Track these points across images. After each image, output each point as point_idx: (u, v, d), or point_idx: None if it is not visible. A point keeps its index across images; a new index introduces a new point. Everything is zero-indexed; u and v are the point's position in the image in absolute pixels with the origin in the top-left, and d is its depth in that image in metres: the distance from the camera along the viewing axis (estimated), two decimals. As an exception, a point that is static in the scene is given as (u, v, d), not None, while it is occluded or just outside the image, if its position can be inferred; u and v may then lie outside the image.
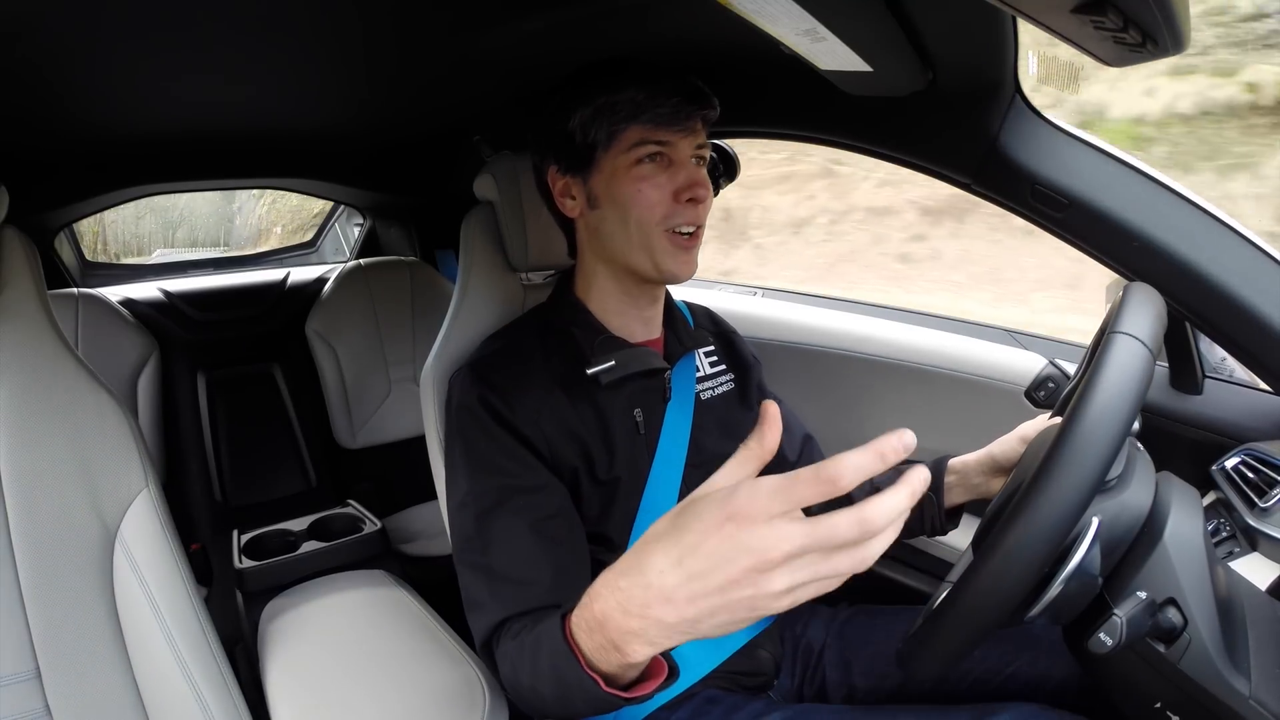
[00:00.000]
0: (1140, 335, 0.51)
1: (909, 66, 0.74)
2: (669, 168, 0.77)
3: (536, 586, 0.70)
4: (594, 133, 0.77)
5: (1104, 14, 0.46)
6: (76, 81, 0.89)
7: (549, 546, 0.73)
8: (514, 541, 0.72)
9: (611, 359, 0.79)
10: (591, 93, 0.77)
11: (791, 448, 0.97)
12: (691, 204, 0.77)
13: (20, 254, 0.78)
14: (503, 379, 0.78)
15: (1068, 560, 0.49)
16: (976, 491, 0.85)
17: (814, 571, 0.41)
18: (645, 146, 0.76)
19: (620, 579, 0.48)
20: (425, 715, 0.77)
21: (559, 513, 0.75)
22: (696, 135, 0.78)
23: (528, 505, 0.73)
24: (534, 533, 0.72)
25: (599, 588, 0.51)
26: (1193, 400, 0.98)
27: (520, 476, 0.74)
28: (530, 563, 0.71)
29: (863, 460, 0.40)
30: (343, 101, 1.17)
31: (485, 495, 0.74)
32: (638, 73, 0.76)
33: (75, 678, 0.71)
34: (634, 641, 0.48)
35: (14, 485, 0.71)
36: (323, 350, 1.80)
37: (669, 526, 0.46)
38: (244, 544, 1.29)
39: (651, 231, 0.77)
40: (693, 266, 0.80)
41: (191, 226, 2.93)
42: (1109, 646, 0.51)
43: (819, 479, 0.40)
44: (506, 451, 0.75)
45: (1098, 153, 0.83)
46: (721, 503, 0.43)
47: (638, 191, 0.77)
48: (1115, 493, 0.55)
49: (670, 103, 0.75)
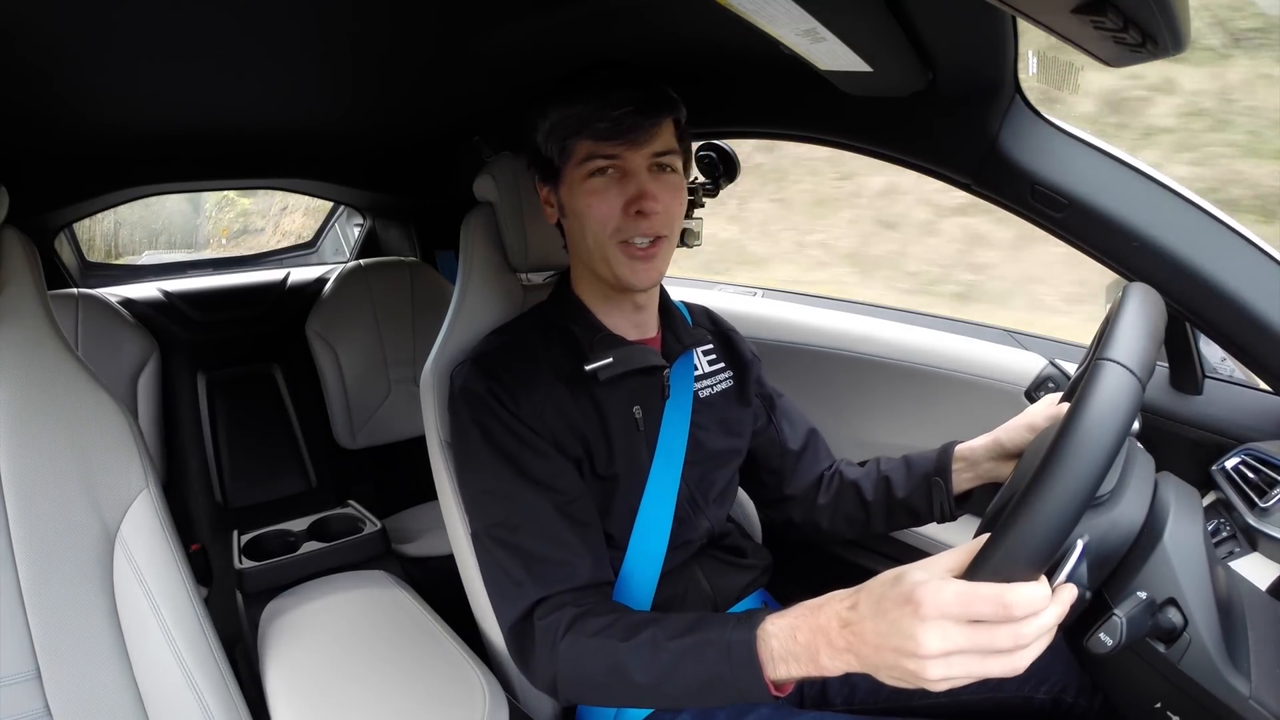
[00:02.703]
0: (1129, 363, 0.49)
1: (909, 67, 0.74)
2: (621, 179, 0.77)
3: (576, 567, 0.73)
4: (551, 147, 0.79)
5: (1104, 14, 0.46)
6: (77, 81, 0.89)
7: (577, 529, 0.75)
8: (544, 524, 0.74)
9: (610, 356, 0.79)
10: (548, 107, 0.78)
11: (795, 439, 0.98)
12: (640, 216, 0.76)
13: (20, 254, 0.78)
14: (507, 373, 0.78)
15: (1055, 576, 0.48)
16: (986, 476, 0.86)
17: (968, 670, 0.48)
18: (594, 161, 0.76)
19: (844, 607, 0.56)
20: (425, 715, 0.77)
21: (579, 496, 0.77)
22: (650, 144, 0.77)
23: (550, 489, 0.75)
24: (562, 515, 0.74)
25: (826, 603, 0.58)
26: (1193, 400, 0.98)
27: (539, 462, 0.76)
28: (565, 544, 0.73)
29: (1039, 595, 0.47)
30: (343, 102, 1.17)
31: (507, 480, 0.75)
32: (592, 84, 0.76)
33: (75, 678, 0.71)
34: (837, 657, 0.55)
35: (14, 486, 0.71)
36: (323, 350, 1.80)
37: (890, 581, 0.53)
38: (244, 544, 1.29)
39: (605, 243, 0.78)
40: (653, 274, 0.80)
41: (170, 233, 3.46)
42: (1109, 646, 0.51)
43: (997, 602, 0.47)
44: (521, 439, 0.76)
45: (1098, 153, 0.83)
46: (915, 585, 0.50)
47: (588, 206, 0.77)
48: (1107, 508, 0.55)
49: (615, 115, 0.74)
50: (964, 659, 0.48)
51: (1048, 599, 0.47)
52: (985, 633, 0.47)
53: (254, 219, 4.73)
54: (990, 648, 0.48)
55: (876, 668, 0.53)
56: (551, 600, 0.71)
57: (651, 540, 0.81)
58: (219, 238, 4.54)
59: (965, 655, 0.48)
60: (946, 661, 0.48)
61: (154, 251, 1.76)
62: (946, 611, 0.48)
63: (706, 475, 0.88)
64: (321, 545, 1.26)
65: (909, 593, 0.50)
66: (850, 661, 0.55)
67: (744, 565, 0.92)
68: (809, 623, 0.58)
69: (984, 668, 0.48)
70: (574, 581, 0.72)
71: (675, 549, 0.83)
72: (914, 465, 0.91)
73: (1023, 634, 0.47)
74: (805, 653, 0.57)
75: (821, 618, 0.57)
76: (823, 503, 0.96)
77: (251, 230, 4.74)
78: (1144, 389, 0.49)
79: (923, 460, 0.90)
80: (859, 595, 0.55)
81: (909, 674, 0.50)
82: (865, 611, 0.53)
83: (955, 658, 0.48)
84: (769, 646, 0.59)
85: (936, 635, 0.48)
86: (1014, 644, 0.47)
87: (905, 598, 0.50)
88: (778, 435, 0.98)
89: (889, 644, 0.50)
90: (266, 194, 5.10)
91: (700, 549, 0.88)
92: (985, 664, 0.48)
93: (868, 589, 0.55)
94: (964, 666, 0.48)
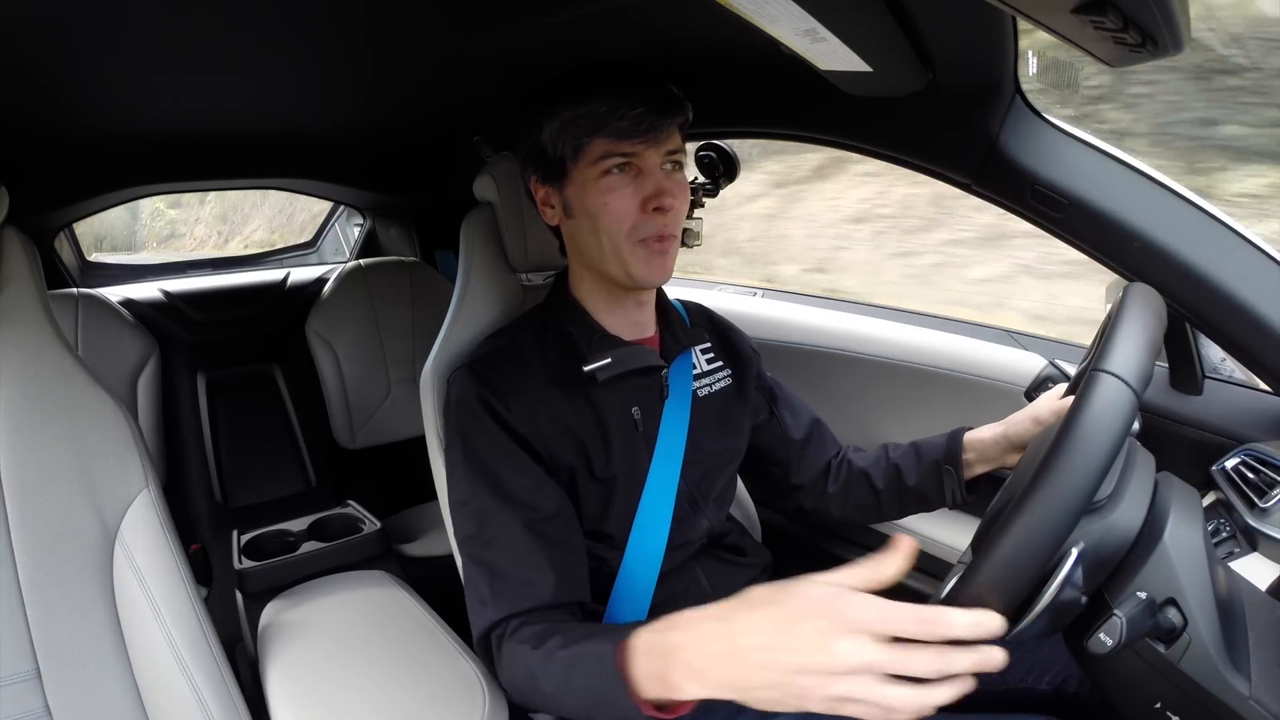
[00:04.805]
0: (1125, 375, 0.49)
1: (909, 66, 0.74)
2: (637, 177, 0.77)
3: (539, 587, 0.72)
4: (562, 146, 0.78)
5: (1104, 14, 0.46)
6: (77, 81, 0.89)
7: (547, 548, 0.74)
8: (514, 542, 0.73)
9: (608, 356, 0.79)
10: (558, 106, 0.77)
11: (799, 428, 0.98)
12: (659, 213, 0.77)
13: (20, 254, 0.78)
14: (499, 378, 0.78)
15: (1047, 585, 0.48)
16: (995, 464, 0.87)
17: (867, 692, 0.44)
18: (611, 159, 0.76)
19: (707, 621, 0.51)
20: (425, 715, 0.77)
21: (557, 513, 0.76)
22: (665, 143, 0.77)
23: (525, 506, 0.74)
24: (532, 533, 0.73)
25: (683, 619, 0.53)
26: (1193, 400, 0.98)
27: (517, 478, 0.75)
28: (531, 563, 0.72)
29: (968, 622, 0.44)
30: (343, 102, 1.17)
31: (484, 495, 0.75)
32: (603, 83, 0.76)
33: (75, 678, 0.71)
34: (690, 681, 0.51)
35: (14, 486, 0.71)
36: (323, 350, 1.80)
37: (774, 595, 0.49)
38: (244, 544, 1.29)
39: (621, 242, 0.78)
40: (667, 271, 0.80)
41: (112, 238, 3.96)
42: (1109, 646, 0.51)
43: (923, 620, 0.44)
44: (504, 452, 0.76)
45: (1098, 153, 0.83)
46: (830, 599, 0.47)
47: (605, 204, 0.77)
48: (1103, 514, 0.54)
49: (633, 114, 0.74)
50: (867, 680, 0.44)
51: (995, 631, 0.44)
52: (902, 652, 0.44)
53: (179, 226, 6.08)
54: (903, 669, 0.44)
55: (747, 689, 0.48)
56: (513, 619, 0.71)
57: (650, 540, 0.81)
58: (151, 242, 5.58)
59: (870, 678, 0.44)
60: (848, 681, 0.44)
61: (100, 254, 1.85)
62: (867, 624, 0.44)
63: (706, 476, 0.88)
64: (321, 545, 1.26)
65: (824, 602, 0.46)
66: (708, 684, 0.50)
67: (744, 564, 0.92)
68: (663, 639, 0.54)
69: (884, 694, 0.44)
70: (535, 600, 0.71)
71: (675, 549, 0.83)
72: (924, 453, 0.92)
73: (949, 663, 0.44)
74: (658, 671, 0.53)
75: (676, 635, 0.53)
76: (832, 491, 0.97)
77: (176, 235, 6.07)
78: (1140, 398, 0.49)
79: (932, 448, 0.91)
80: (733, 610, 0.50)
81: (797, 692, 0.46)
82: (747, 626, 0.49)
83: (858, 679, 0.44)
84: (634, 663, 0.55)
85: (853, 648, 0.44)
86: (931, 671, 0.44)
87: (819, 608, 0.46)
88: (781, 426, 0.98)
89: (784, 659, 0.46)
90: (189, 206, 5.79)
91: (700, 549, 0.88)
92: (885, 690, 0.44)
93: (744, 602, 0.50)
94: (864, 688, 0.44)
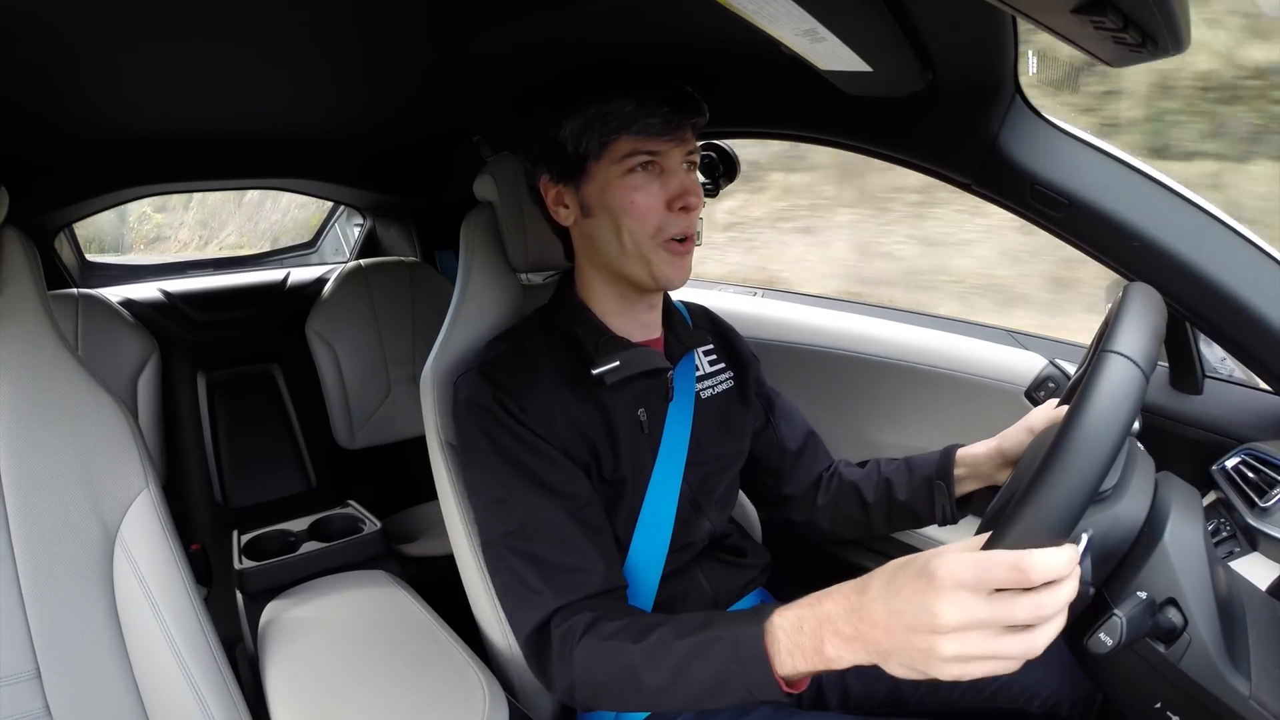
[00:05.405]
0: (1133, 355, 0.49)
1: (909, 66, 0.74)
2: (661, 176, 0.77)
3: (591, 574, 0.72)
4: (585, 143, 0.77)
5: (1104, 14, 0.46)
6: (77, 81, 0.89)
7: (592, 535, 0.74)
8: (559, 532, 0.73)
9: (616, 359, 0.79)
10: (581, 103, 0.77)
11: (794, 439, 0.98)
12: (684, 212, 0.77)
13: (20, 254, 0.78)
14: (513, 381, 0.78)
15: None
16: (987, 480, 0.86)
17: (984, 647, 0.47)
18: (637, 156, 0.76)
19: (853, 592, 0.55)
20: (425, 715, 0.77)
21: (591, 501, 0.77)
22: (687, 143, 0.78)
23: (565, 496, 0.75)
24: (574, 521, 0.74)
25: (829, 593, 0.57)
26: (1193, 400, 0.98)
27: (550, 470, 0.75)
28: (580, 551, 0.73)
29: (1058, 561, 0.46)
30: (343, 102, 1.17)
31: (520, 489, 0.75)
32: (627, 81, 0.76)
33: (75, 678, 0.71)
34: (843, 646, 0.54)
35: (14, 486, 0.71)
36: (323, 350, 1.80)
37: (898, 565, 0.52)
38: (244, 544, 1.29)
39: (644, 241, 0.77)
40: (687, 271, 0.81)
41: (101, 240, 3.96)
42: (1109, 646, 0.51)
43: (1014, 567, 0.46)
44: (532, 447, 0.76)
45: (1098, 153, 0.83)
46: (930, 558, 0.49)
47: (630, 202, 0.77)
48: (1110, 504, 0.55)
49: (661, 112, 0.75)
50: (980, 636, 0.47)
51: (1068, 565, 0.46)
52: (1004, 604, 0.46)
53: (164, 229, 6.33)
54: (1009, 620, 0.46)
55: (886, 654, 0.51)
56: (568, 608, 0.71)
57: (653, 542, 0.81)
58: (139, 245, 5.81)
59: (981, 632, 0.47)
60: (962, 637, 0.47)
61: (90, 255, 1.92)
62: (963, 580, 0.47)
63: (709, 477, 0.88)
64: (321, 545, 1.26)
65: (924, 565, 0.49)
66: (857, 650, 0.53)
67: (744, 565, 0.92)
68: (815, 612, 0.57)
69: (1000, 646, 0.47)
70: (590, 588, 0.72)
71: (677, 550, 0.83)
72: (915, 468, 0.91)
73: (1042, 605, 0.46)
74: (811, 644, 0.56)
75: (827, 606, 0.56)
76: (822, 503, 0.96)
77: (162, 238, 6.30)
78: (1147, 381, 0.49)
79: (924, 463, 0.90)
80: (870, 579, 0.54)
81: (920, 655, 0.49)
82: (876, 593, 0.52)
83: (971, 634, 0.47)
84: (776, 640, 0.58)
85: (954, 606, 0.47)
86: (1033, 616, 0.46)
87: (920, 571, 0.49)
88: (776, 436, 0.98)
89: (901, 621, 0.49)
90: (174, 211, 5.93)
91: (702, 550, 0.88)
92: (1001, 642, 0.47)
93: (880, 571, 0.53)
94: (979, 643, 0.47)
